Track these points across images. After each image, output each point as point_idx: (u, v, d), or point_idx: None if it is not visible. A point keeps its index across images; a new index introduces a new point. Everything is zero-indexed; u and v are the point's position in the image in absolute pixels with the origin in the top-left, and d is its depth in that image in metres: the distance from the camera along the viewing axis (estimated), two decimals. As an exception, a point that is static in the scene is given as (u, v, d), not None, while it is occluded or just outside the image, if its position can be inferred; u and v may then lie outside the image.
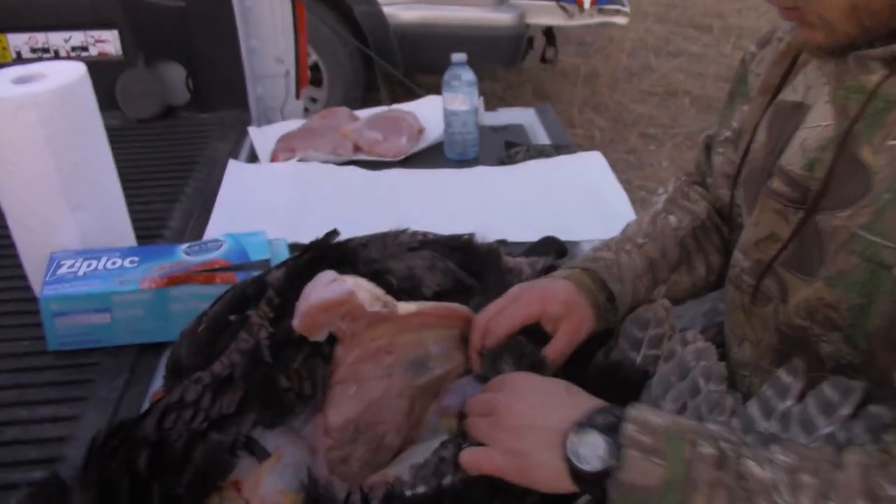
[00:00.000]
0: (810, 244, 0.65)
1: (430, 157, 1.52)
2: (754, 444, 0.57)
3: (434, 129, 1.58)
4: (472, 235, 0.96)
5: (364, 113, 1.67)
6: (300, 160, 1.46)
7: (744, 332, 0.75)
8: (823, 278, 0.63)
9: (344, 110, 1.65)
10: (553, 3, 3.36)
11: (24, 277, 1.06)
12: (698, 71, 4.50)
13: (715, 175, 0.85)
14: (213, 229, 1.25)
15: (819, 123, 0.65)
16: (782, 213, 0.68)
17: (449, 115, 1.47)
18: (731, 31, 5.03)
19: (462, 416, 0.68)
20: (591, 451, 0.56)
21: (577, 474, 0.56)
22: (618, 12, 3.44)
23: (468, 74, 1.45)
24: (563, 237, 1.21)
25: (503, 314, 0.74)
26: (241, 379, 0.70)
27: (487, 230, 1.23)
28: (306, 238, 1.05)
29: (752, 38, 0.88)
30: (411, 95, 1.85)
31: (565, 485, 0.57)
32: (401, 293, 0.80)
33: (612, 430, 0.56)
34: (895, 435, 0.56)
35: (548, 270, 0.94)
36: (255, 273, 0.97)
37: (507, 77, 4.18)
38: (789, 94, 0.73)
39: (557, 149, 1.51)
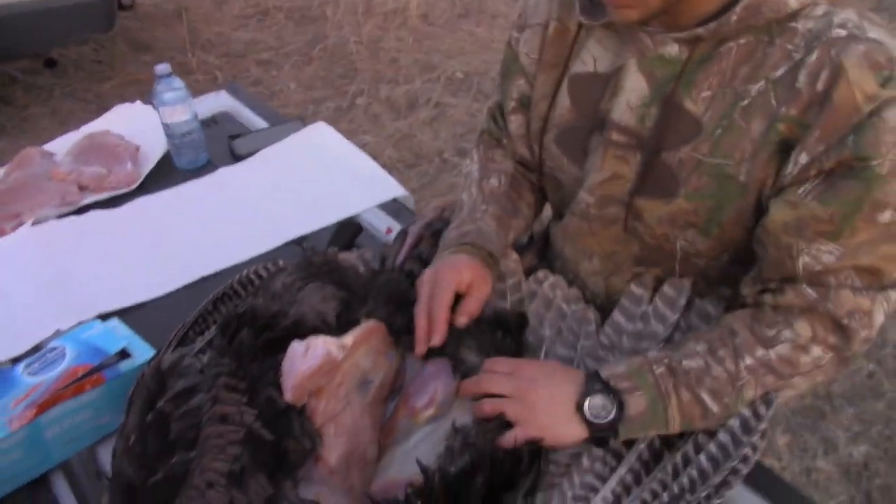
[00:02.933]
0: (662, 175, 0.86)
1: (163, 172, 1.49)
2: (677, 348, 0.82)
3: (147, 142, 1.53)
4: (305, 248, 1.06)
5: (55, 146, 1.54)
6: (35, 223, 1.34)
7: (592, 250, 0.98)
8: (683, 196, 0.86)
9: (33, 151, 1.50)
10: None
11: None
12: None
13: (514, 137, 1.05)
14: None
15: (635, 88, 0.86)
16: (622, 158, 0.89)
17: (171, 128, 1.45)
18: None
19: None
20: (601, 409, 0.78)
21: (594, 427, 0.78)
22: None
23: (177, 82, 1.43)
24: (344, 215, 1.35)
25: (436, 298, 0.88)
26: (253, 464, 0.76)
27: (279, 233, 1.32)
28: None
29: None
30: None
31: (582, 437, 0.78)
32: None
33: (606, 389, 0.78)
34: (751, 288, 0.84)
35: (383, 259, 1.09)
36: (116, 364, 0.97)
37: (96, 38, 3.82)
38: (579, 67, 0.92)
39: (277, 128, 1.59)
